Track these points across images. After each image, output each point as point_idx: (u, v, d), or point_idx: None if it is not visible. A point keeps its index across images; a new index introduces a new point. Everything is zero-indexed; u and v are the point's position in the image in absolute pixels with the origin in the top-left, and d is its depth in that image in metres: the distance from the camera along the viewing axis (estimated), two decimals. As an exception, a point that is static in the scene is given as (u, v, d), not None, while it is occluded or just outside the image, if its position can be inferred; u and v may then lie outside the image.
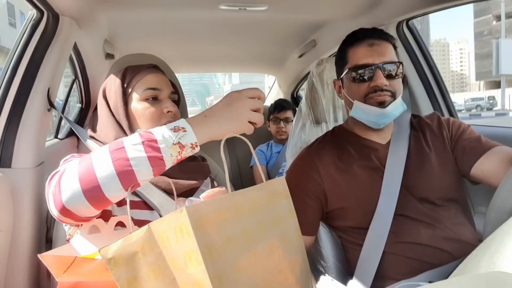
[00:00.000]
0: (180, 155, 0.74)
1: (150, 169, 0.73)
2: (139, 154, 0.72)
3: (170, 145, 0.73)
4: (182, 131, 0.74)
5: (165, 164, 0.74)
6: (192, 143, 0.74)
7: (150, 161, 0.72)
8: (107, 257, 0.60)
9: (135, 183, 0.74)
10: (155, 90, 1.02)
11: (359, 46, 1.16)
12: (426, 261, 1.05)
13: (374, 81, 1.12)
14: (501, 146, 1.14)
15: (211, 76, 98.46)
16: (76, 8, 1.37)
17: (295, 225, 0.73)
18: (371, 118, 1.15)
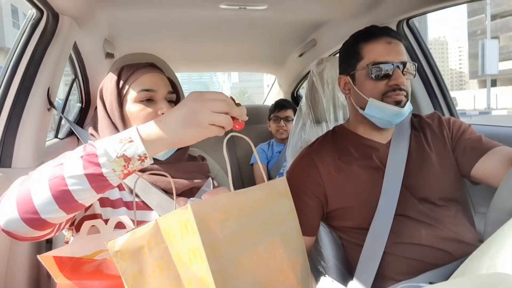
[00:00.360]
0: (127, 169, 0.67)
1: (89, 188, 0.66)
2: (76, 172, 0.66)
3: (113, 159, 0.66)
4: (128, 141, 0.67)
5: (108, 181, 0.67)
6: (140, 155, 0.67)
7: (89, 179, 0.66)
8: (114, 250, 0.61)
9: (76, 205, 0.68)
10: (149, 92, 0.98)
11: (377, 42, 1.14)
12: (427, 262, 1.05)
13: (395, 79, 1.11)
14: (502, 147, 1.13)
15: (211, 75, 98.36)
16: (76, 7, 1.36)
17: (296, 225, 0.73)
18: (386, 117, 1.14)
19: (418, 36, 1.86)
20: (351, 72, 1.20)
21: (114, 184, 0.69)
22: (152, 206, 0.96)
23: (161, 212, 0.94)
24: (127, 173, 0.68)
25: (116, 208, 0.93)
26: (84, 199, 0.68)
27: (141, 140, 0.67)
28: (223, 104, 0.68)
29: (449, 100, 1.85)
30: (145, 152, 0.67)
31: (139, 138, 0.67)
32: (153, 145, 0.68)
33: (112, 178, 0.67)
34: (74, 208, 0.69)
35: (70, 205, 0.68)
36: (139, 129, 0.69)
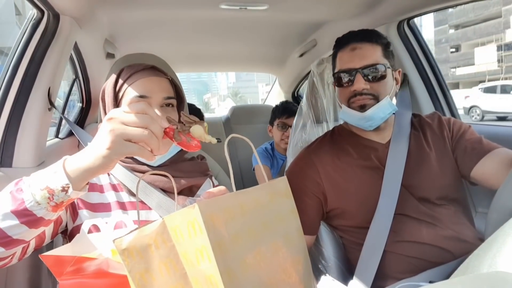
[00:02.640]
0: (52, 201, 0.65)
1: (19, 224, 0.65)
2: (4, 209, 0.65)
3: (37, 191, 0.65)
4: (53, 172, 0.66)
5: (35, 215, 0.66)
6: (62, 186, 0.65)
7: (16, 215, 0.65)
8: (121, 248, 0.61)
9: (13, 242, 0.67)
10: (143, 98, 0.94)
11: (343, 51, 1.19)
12: (427, 260, 1.05)
13: (355, 85, 1.14)
14: (502, 148, 1.14)
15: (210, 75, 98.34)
16: (77, 7, 1.36)
17: (297, 224, 0.73)
18: (355, 121, 1.18)
19: (419, 36, 1.85)
20: (334, 81, 1.25)
21: (45, 217, 0.68)
22: (151, 206, 0.95)
23: (161, 212, 0.94)
24: (54, 205, 0.66)
25: (109, 211, 0.93)
26: (20, 235, 0.68)
27: (63, 171, 0.66)
28: (140, 117, 0.64)
29: (450, 100, 1.84)
30: (68, 182, 0.65)
31: (62, 169, 0.66)
32: (77, 175, 0.66)
33: (39, 212, 0.66)
34: (11, 245, 0.69)
35: (6, 242, 0.68)
36: (66, 160, 0.68)
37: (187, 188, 1.02)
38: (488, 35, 31.56)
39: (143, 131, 0.64)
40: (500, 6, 30.10)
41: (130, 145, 0.64)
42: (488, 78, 28.77)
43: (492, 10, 30.52)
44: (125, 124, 0.64)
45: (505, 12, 29.83)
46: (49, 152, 1.39)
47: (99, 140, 0.65)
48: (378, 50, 1.16)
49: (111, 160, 0.65)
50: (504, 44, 30.27)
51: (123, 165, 0.98)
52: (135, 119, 0.64)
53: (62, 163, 0.68)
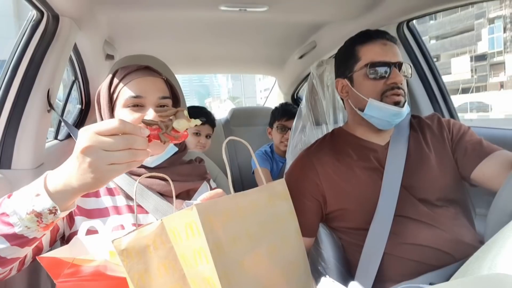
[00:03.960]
0: (42, 223, 0.64)
1: (10, 246, 0.65)
2: None
3: (23, 216, 0.63)
4: (36, 195, 0.63)
5: (27, 237, 0.65)
6: (49, 208, 0.62)
7: (6, 238, 0.64)
8: (120, 248, 0.61)
9: (7, 261, 0.67)
10: (137, 98, 0.93)
11: (373, 44, 1.17)
12: (427, 263, 1.05)
13: (393, 78, 1.13)
14: (502, 151, 1.14)
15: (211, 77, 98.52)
16: (76, 8, 1.36)
17: (295, 226, 0.73)
18: (386, 117, 1.15)
19: (418, 38, 1.86)
20: (348, 74, 1.21)
21: (38, 236, 0.66)
22: (148, 210, 0.94)
23: (158, 216, 0.93)
24: (44, 226, 0.65)
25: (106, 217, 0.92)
26: (12, 255, 0.67)
27: (47, 194, 0.63)
28: (120, 140, 0.60)
29: (449, 102, 1.85)
30: (54, 205, 0.63)
31: (44, 192, 0.63)
32: (62, 197, 0.63)
33: (30, 234, 0.65)
34: (7, 263, 0.69)
35: (1, 262, 0.68)
36: (47, 179, 0.65)
37: (185, 192, 1.02)
38: (462, 46, 34.51)
39: (127, 153, 0.61)
40: (473, 20, 33.09)
41: (116, 167, 0.61)
42: (462, 87, 32.13)
43: (466, 23, 33.45)
44: (105, 149, 0.60)
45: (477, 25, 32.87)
46: (48, 154, 1.38)
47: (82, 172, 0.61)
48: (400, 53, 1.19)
49: (101, 186, 0.64)
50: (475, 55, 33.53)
51: None
52: (115, 143, 0.60)
53: (43, 183, 0.64)
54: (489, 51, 32.74)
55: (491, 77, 32.74)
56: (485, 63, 33.04)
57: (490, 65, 32.80)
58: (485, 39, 32.77)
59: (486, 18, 31.77)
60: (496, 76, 32.32)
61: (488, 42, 32.48)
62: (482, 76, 33.21)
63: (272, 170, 2.44)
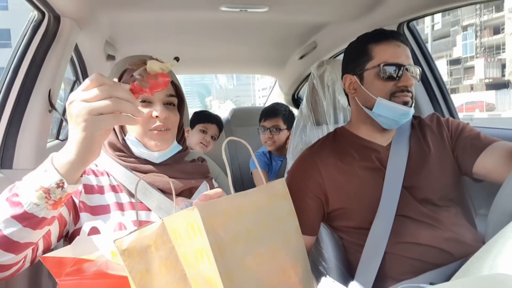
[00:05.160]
0: (50, 199, 0.65)
1: (23, 228, 0.66)
2: (4, 216, 0.65)
3: (32, 193, 0.65)
4: (44, 171, 0.66)
5: (37, 217, 0.66)
6: (56, 182, 0.65)
7: (17, 219, 0.65)
8: (122, 248, 0.61)
9: (21, 246, 0.68)
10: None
11: (388, 44, 1.17)
12: (427, 262, 1.05)
13: (404, 81, 1.13)
14: (501, 141, 1.14)
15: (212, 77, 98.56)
16: (77, 9, 1.37)
17: (295, 225, 0.74)
18: (394, 116, 1.15)
19: (419, 38, 1.86)
20: (358, 71, 1.21)
21: (47, 216, 0.68)
22: (151, 208, 0.95)
23: (161, 214, 0.94)
24: (53, 203, 0.67)
25: (109, 213, 0.93)
26: (26, 239, 0.68)
27: (54, 168, 0.65)
28: (99, 90, 0.62)
29: (449, 102, 1.85)
30: (61, 178, 0.65)
31: (51, 166, 0.66)
32: (68, 169, 0.66)
33: (39, 213, 0.66)
34: (21, 249, 0.69)
35: (15, 248, 0.68)
36: (54, 157, 0.68)
37: (187, 189, 1.02)
38: (440, 51, 37.55)
39: (109, 101, 0.62)
40: (449, 27, 36.59)
41: (104, 117, 0.62)
42: (439, 89, 35.91)
43: (444, 29, 37.01)
44: (87, 101, 0.61)
45: (452, 32, 36.25)
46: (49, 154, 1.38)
47: (72, 127, 0.64)
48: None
49: (93, 141, 0.64)
50: (451, 60, 37.05)
51: (123, 165, 0.98)
52: (96, 93, 0.62)
53: (50, 160, 0.67)
54: (463, 56, 36.05)
55: (465, 80, 36.07)
56: (459, 66, 36.40)
57: (464, 69, 36.05)
58: (459, 44, 36.22)
59: (460, 26, 35.12)
60: (470, 79, 35.52)
61: (462, 48, 36.10)
62: (457, 78, 36.55)
63: (270, 170, 2.47)
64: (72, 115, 0.63)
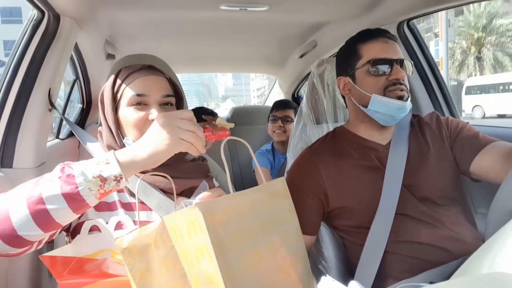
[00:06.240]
0: (103, 188, 0.71)
1: (67, 207, 0.70)
2: (54, 192, 0.69)
3: (90, 178, 0.70)
4: (105, 163, 0.72)
5: (84, 200, 0.70)
6: (115, 175, 0.71)
7: (66, 198, 0.69)
8: (122, 247, 0.62)
9: (54, 224, 0.71)
10: (140, 96, 0.96)
11: (375, 41, 1.18)
12: (427, 260, 1.05)
13: (395, 74, 1.14)
14: (499, 141, 1.14)
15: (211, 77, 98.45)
16: (77, 8, 1.37)
17: (295, 224, 0.74)
18: (390, 111, 1.15)
19: (419, 37, 1.86)
20: (350, 72, 1.22)
21: (91, 204, 0.73)
22: (151, 207, 0.95)
23: (161, 213, 0.94)
24: (103, 193, 0.72)
25: (113, 211, 0.93)
26: (62, 218, 0.71)
27: (117, 162, 0.72)
28: (189, 123, 0.75)
29: (449, 101, 1.85)
30: (121, 173, 0.71)
31: (115, 160, 0.72)
32: (129, 167, 0.73)
33: (88, 198, 0.71)
34: (51, 227, 0.72)
35: (48, 224, 0.71)
36: (117, 152, 0.75)
37: (188, 189, 1.02)
38: None
39: (192, 134, 0.74)
40: (424, 33, 37.50)
41: (183, 143, 0.73)
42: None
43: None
44: (180, 127, 0.73)
45: (426, 38, 37.48)
46: (49, 153, 1.38)
47: (158, 139, 0.73)
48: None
49: (167, 155, 0.75)
50: None
51: None
52: (186, 123, 0.74)
53: (113, 154, 0.74)
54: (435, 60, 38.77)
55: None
56: (432, 69, 39.58)
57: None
58: (432, 49, 38.62)
59: (433, 32, 35.65)
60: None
61: (434, 52, 38.70)
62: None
63: (273, 167, 2.46)
64: (165, 130, 0.73)
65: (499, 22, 25.64)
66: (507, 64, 25.05)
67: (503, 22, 25.52)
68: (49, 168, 0.78)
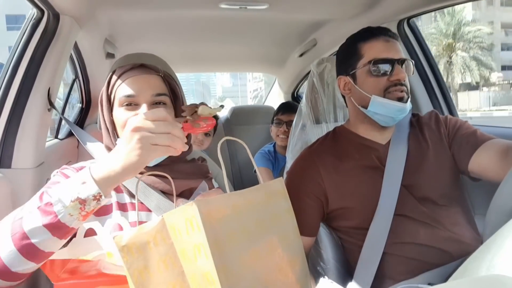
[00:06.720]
0: (84, 210, 0.68)
1: (51, 237, 0.68)
2: (35, 224, 0.67)
3: (68, 204, 0.67)
4: (82, 183, 0.69)
5: (68, 226, 0.68)
6: (94, 195, 0.68)
7: (48, 229, 0.67)
8: (121, 244, 0.62)
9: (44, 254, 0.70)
10: (129, 97, 0.93)
11: (376, 41, 1.17)
12: (426, 261, 1.05)
13: (396, 74, 1.13)
14: (496, 139, 1.13)
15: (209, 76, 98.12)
16: (77, 7, 1.36)
17: (293, 224, 0.74)
18: (390, 113, 1.14)
19: (419, 36, 1.86)
20: (350, 71, 1.21)
21: (76, 226, 0.71)
22: (151, 208, 0.94)
23: (160, 214, 0.93)
24: (85, 214, 0.69)
25: (109, 213, 0.92)
26: (51, 248, 0.70)
27: (93, 181, 0.68)
28: (161, 125, 0.69)
29: (448, 100, 1.84)
30: (99, 191, 0.68)
31: (91, 179, 0.69)
32: (106, 183, 0.69)
33: (71, 223, 0.69)
34: (43, 257, 0.71)
35: (38, 257, 0.70)
36: (92, 169, 0.71)
37: (187, 190, 1.02)
38: None
39: (168, 136, 0.69)
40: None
41: (158, 148, 0.69)
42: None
43: None
44: (151, 132, 0.68)
45: None
46: (48, 153, 1.39)
47: (128, 150, 0.68)
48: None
49: (142, 166, 0.70)
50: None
51: None
52: (159, 126, 0.69)
53: (88, 172, 0.70)
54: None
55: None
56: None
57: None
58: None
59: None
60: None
61: None
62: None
63: (274, 169, 2.45)
64: (133, 140, 0.68)
65: (467, 29, 28.36)
66: (473, 68, 27.76)
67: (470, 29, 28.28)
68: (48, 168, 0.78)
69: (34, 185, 1.20)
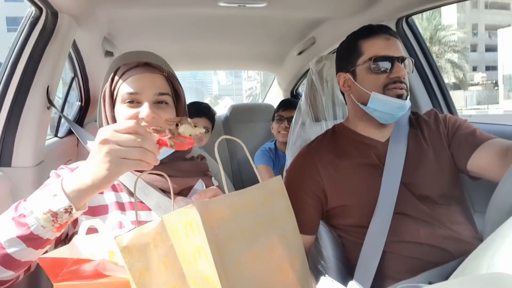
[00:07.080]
0: (57, 222, 0.68)
1: (26, 248, 0.68)
2: (10, 235, 0.68)
3: (40, 216, 0.68)
4: (53, 196, 0.68)
5: (42, 238, 0.69)
6: (65, 208, 0.68)
7: (22, 240, 0.68)
8: (122, 245, 0.62)
9: (21, 264, 0.70)
10: (133, 95, 0.94)
11: (376, 38, 1.18)
12: (426, 260, 1.05)
13: (396, 72, 1.14)
14: (496, 139, 1.14)
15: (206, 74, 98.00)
16: (75, 5, 1.36)
17: (293, 223, 0.73)
18: (389, 110, 1.15)
19: (417, 34, 1.86)
20: (350, 68, 1.21)
21: (51, 238, 0.71)
22: (150, 206, 0.94)
23: (160, 213, 0.93)
24: (59, 226, 0.70)
25: (110, 212, 0.92)
26: (27, 257, 0.70)
27: (64, 194, 0.68)
28: (130, 138, 0.66)
29: (448, 98, 1.85)
30: (70, 204, 0.68)
31: (62, 192, 0.68)
32: (78, 196, 0.69)
33: (44, 234, 0.69)
34: (21, 267, 0.72)
35: (15, 266, 0.71)
36: (63, 181, 0.70)
37: (187, 188, 1.01)
38: None
39: (138, 150, 0.66)
40: None
41: (127, 162, 0.66)
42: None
43: None
44: (120, 145, 0.66)
45: None
46: (48, 152, 1.38)
47: (97, 163, 0.67)
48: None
49: (111, 179, 0.68)
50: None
51: None
52: (129, 140, 0.66)
53: (60, 185, 0.69)
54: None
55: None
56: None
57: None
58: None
59: None
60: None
61: None
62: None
63: (275, 166, 2.46)
64: (101, 152, 0.66)
65: (442, 33, 30.98)
66: (448, 70, 30.50)
67: (445, 33, 30.99)
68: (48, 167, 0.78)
69: (34, 184, 1.19)
